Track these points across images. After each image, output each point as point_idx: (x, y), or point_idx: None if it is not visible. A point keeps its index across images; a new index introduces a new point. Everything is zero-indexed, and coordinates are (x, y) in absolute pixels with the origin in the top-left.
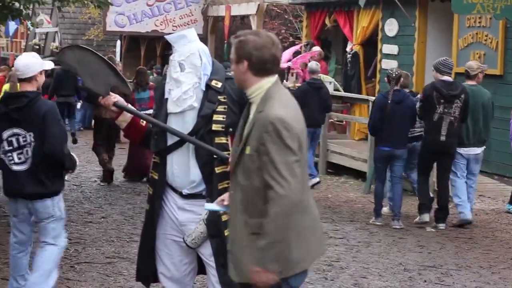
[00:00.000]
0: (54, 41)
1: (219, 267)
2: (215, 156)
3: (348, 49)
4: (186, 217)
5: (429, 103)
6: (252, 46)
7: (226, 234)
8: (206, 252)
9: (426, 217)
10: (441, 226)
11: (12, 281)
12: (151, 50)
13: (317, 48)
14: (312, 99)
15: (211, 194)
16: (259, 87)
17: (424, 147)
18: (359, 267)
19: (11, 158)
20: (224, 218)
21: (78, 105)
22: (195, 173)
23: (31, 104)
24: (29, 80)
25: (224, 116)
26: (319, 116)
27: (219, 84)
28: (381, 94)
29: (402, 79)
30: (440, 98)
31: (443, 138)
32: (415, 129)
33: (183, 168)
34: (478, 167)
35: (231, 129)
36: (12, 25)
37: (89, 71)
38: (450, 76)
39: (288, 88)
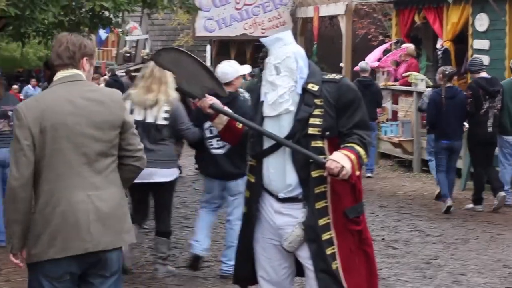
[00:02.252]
0: (144, 48)
1: (317, 272)
2: (311, 160)
3: (438, 45)
4: (283, 221)
5: (476, 99)
6: None
7: (324, 238)
8: (304, 255)
9: (480, 207)
10: (479, 208)
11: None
12: (241, 54)
13: (409, 45)
14: (363, 97)
15: (307, 198)
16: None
17: (473, 140)
18: (457, 264)
19: (211, 143)
20: (321, 222)
21: None
22: (291, 177)
23: (231, 102)
24: (228, 84)
25: (321, 119)
26: (371, 112)
27: (316, 88)
28: (434, 90)
29: (455, 76)
30: (485, 94)
31: (490, 129)
32: None
33: (279, 171)
34: None
35: (327, 133)
36: (102, 34)
37: (185, 73)
38: (485, 72)
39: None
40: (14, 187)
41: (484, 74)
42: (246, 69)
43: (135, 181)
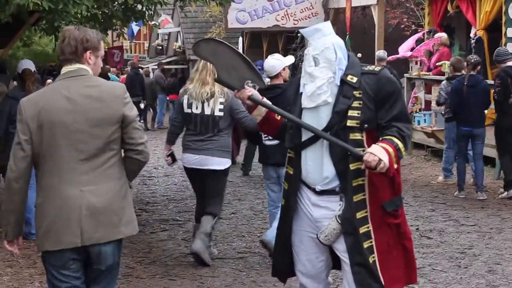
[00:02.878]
0: (176, 41)
1: (353, 265)
2: (349, 153)
3: (471, 34)
4: (320, 213)
5: (504, 88)
6: None
7: (361, 231)
8: (340, 248)
9: None
10: None
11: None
12: (273, 45)
13: (442, 34)
14: None
15: (345, 191)
16: None
17: (502, 127)
18: (492, 254)
19: (265, 135)
20: (358, 215)
21: (141, 105)
22: (329, 169)
23: (282, 93)
24: (276, 76)
25: (359, 112)
26: None
27: (355, 79)
28: (457, 79)
29: (479, 66)
30: None
31: None
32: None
33: (316, 164)
34: None
35: (366, 125)
36: (134, 27)
37: (224, 64)
38: (511, 61)
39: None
40: (10, 179)
41: (510, 63)
42: (290, 59)
43: (193, 166)
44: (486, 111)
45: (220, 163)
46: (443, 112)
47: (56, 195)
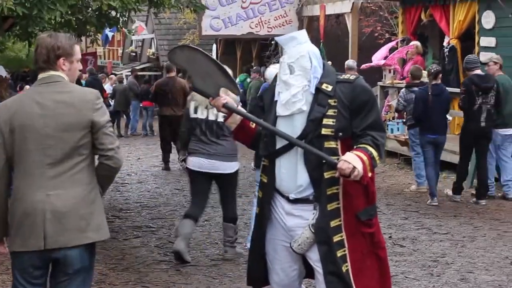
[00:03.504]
0: (150, 47)
1: (326, 275)
2: (323, 161)
3: (445, 43)
4: (294, 222)
5: (469, 95)
6: None
7: (335, 240)
8: (314, 257)
9: (457, 197)
10: (483, 202)
11: None
12: (247, 53)
13: (415, 42)
14: None
15: (319, 199)
16: None
17: (465, 133)
18: (465, 262)
19: None
20: (332, 224)
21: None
22: (303, 178)
23: None
24: None
25: (334, 120)
26: None
27: (330, 88)
28: (421, 88)
29: (440, 74)
30: (478, 90)
31: (483, 124)
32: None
33: (290, 172)
34: None
35: (341, 134)
36: (108, 33)
37: (199, 71)
38: (479, 70)
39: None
40: None
41: (478, 71)
42: None
43: (199, 169)
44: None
45: (231, 166)
46: (404, 120)
47: (24, 198)
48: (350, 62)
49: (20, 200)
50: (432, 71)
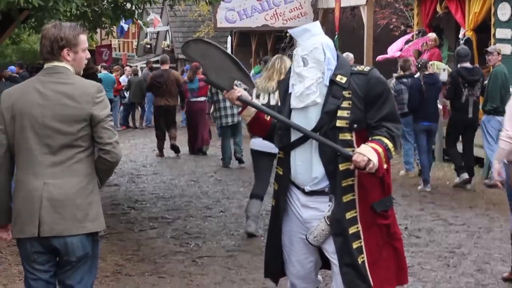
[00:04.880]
0: (165, 39)
1: (342, 266)
2: (338, 153)
3: (460, 35)
4: (309, 214)
5: (456, 87)
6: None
7: (350, 232)
8: (329, 249)
9: (465, 175)
10: (468, 186)
11: None
12: (262, 45)
13: (432, 34)
14: None
15: (334, 191)
16: None
17: (453, 124)
18: (481, 253)
19: None
20: (348, 216)
21: None
22: (318, 170)
23: None
24: None
25: (349, 112)
26: None
27: (344, 79)
28: (416, 78)
29: (429, 64)
30: (465, 82)
31: (470, 115)
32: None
33: (306, 164)
34: None
35: (355, 125)
36: (124, 25)
37: (213, 65)
38: (468, 62)
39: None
40: None
41: (467, 64)
42: None
43: (262, 149)
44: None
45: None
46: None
47: (23, 186)
48: (344, 55)
49: (19, 188)
50: (421, 63)
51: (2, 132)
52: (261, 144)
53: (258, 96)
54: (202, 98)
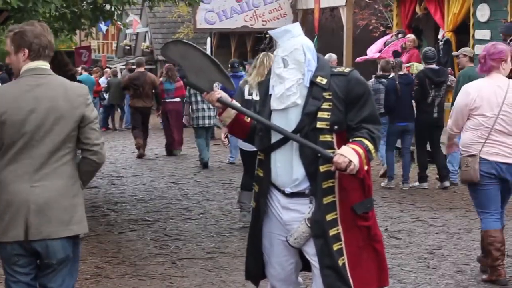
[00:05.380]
0: (144, 41)
1: (323, 268)
2: (319, 155)
3: (440, 36)
4: (290, 216)
5: (423, 88)
6: (31, 35)
7: (331, 234)
8: (310, 251)
9: (426, 185)
10: (446, 183)
11: None
12: (242, 46)
13: (411, 36)
14: None
15: (315, 193)
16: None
17: (420, 124)
18: (461, 254)
19: None
20: (328, 217)
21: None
22: (298, 171)
23: None
24: None
25: (329, 113)
26: None
27: (324, 81)
28: (391, 79)
29: (403, 65)
30: (431, 83)
31: (435, 115)
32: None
33: (286, 166)
34: None
35: (336, 127)
36: (103, 27)
37: (192, 66)
38: (434, 64)
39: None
40: None
41: (433, 66)
42: None
43: (251, 149)
44: None
45: None
46: None
47: (8, 189)
48: (327, 57)
49: (4, 191)
50: (394, 64)
51: None
52: (242, 143)
53: (250, 94)
54: (178, 99)
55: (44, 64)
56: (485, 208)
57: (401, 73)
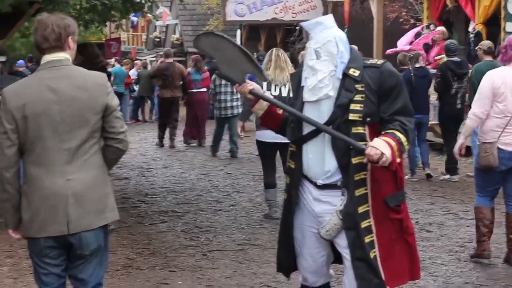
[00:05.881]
0: (174, 33)
1: (354, 260)
2: (351, 147)
3: (470, 29)
4: (322, 208)
5: (445, 80)
6: (41, 28)
7: (362, 226)
8: (342, 243)
9: (456, 177)
10: (455, 178)
11: None
12: (271, 38)
13: (441, 28)
14: None
15: (347, 185)
16: None
17: (444, 116)
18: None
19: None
20: (360, 210)
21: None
22: (330, 163)
23: None
24: None
25: (362, 105)
26: None
27: (357, 73)
28: (407, 71)
29: (420, 57)
30: (453, 75)
31: (459, 106)
32: None
33: (318, 158)
34: None
35: (368, 119)
36: (134, 19)
37: (225, 58)
38: (456, 56)
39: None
40: (1, 168)
41: (455, 58)
42: None
43: (270, 140)
44: None
45: None
46: None
47: (41, 185)
48: None
49: (36, 187)
50: (411, 56)
51: (13, 132)
52: (266, 135)
53: (269, 89)
54: (204, 89)
55: (61, 56)
56: (483, 190)
57: (417, 65)
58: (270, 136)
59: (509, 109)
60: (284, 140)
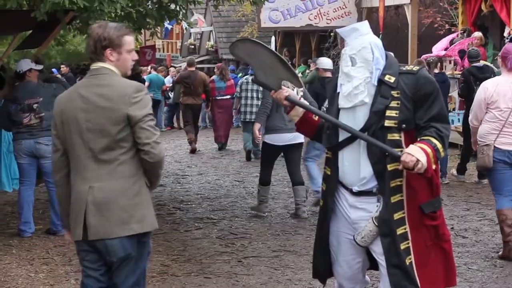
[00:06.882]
0: (209, 40)
1: (390, 267)
2: (386, 153)
3: (505, 34)
4: (357, 215)
5: (468, 85)
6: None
7: (398, 232)
8: (377, 250)
9: (462, 177)
10: (485, 181)
11: None
12: (306, 45)
13: (477, 34)
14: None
15: (382, 192)
16: None
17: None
18: None
19: None
20: (396, 216)
21: None
22: (366, 170)
23: None
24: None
25: (397, 111)
26: None
27: (392, 79)
28: None
29: (439, 63)
30: (476, 80)
31: None
32: None
33: (354, 164)
34: None
35: (404, 125)
36: (167, 26)
37: (260, 64)
38: (478, 62)
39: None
40: (52, 172)
41: (477, 64)
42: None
43: (278, 144)
44: None
45: (301, 136)
46: None
47: (74, 190)
48: (325, 60)
49: (72, 191)
50: (431, 60)
51: (56, 137)
52: (280, 139)
53: None
54: (228, 96)
55: (100, 65)
56: (499, 190)
57: (436, 71)
58: (281, 140)
59: (502, 114)
60: (291, 142)
